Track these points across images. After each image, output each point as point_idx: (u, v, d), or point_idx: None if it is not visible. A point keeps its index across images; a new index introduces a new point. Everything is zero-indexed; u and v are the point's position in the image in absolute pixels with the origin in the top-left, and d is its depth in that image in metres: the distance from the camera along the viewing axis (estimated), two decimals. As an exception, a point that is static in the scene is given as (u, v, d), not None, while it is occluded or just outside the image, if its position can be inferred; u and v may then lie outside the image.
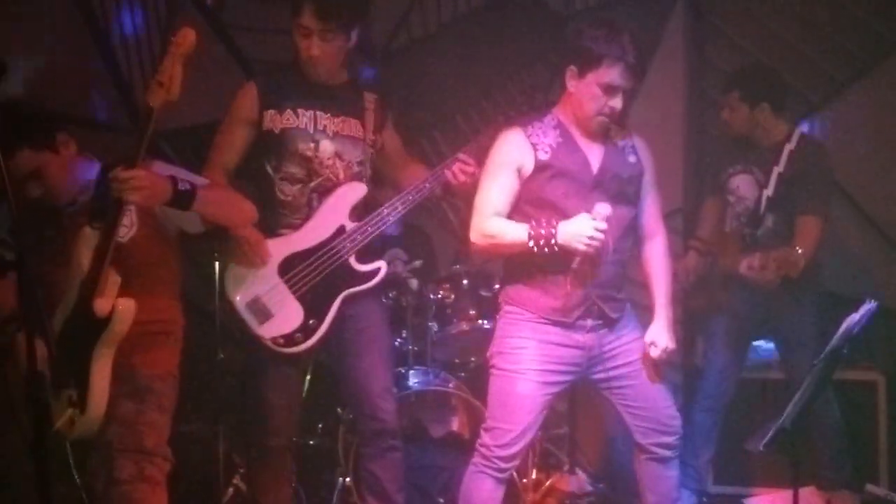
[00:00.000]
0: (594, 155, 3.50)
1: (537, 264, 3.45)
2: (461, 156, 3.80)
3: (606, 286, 3.50)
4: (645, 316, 3.68)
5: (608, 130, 3.54)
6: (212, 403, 4.19)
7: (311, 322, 3.65)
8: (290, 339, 3.64)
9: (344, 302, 3.70)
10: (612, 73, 3.36)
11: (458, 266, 4.71)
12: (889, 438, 4.65)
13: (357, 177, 3.75)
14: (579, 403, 4.84)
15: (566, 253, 3.33)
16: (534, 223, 3.35)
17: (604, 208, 3.31)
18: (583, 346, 3.52)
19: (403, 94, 5.32)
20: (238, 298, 3.64)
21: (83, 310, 3.15)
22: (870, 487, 4.57)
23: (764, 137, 4.46)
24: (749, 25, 5.27)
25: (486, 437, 3.57)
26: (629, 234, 3.58)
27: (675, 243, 4.98)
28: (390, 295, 4.51)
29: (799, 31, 5.22)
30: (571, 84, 3.46)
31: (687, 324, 4.89)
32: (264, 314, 3.64)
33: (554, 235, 3.31)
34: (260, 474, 3.87)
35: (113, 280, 3.16)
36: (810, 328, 4.34)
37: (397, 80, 5.43)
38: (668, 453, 3.63)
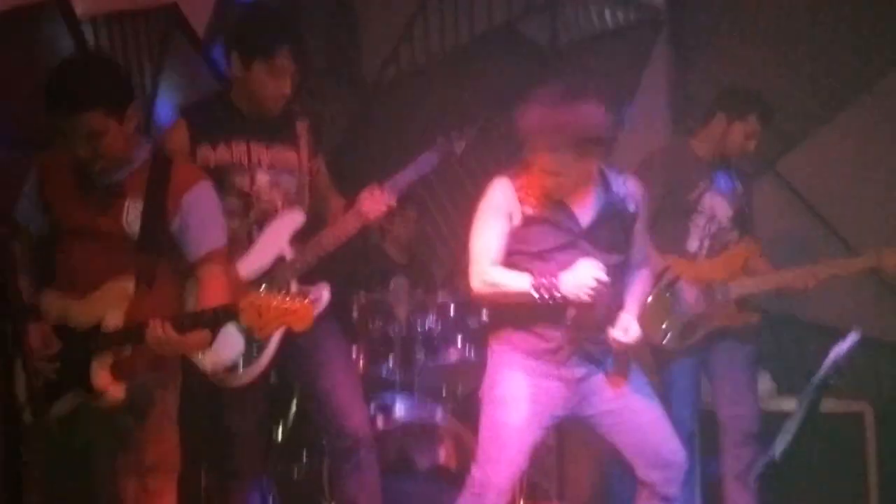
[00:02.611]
0: (585, 207, 3.31)
1: (527, 309, 3.26)
2: (374, 189, 3.64)
3: (594, 329, 3.31)
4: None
5: (604, 178, 3.35)
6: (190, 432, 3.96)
7: (253, 352, 3.48)
8: (231, 372, 3.46)
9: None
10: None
11: (445, 296, 4.52)
12: (878, 469, 4.44)
13: (295, 205, 3.59)
14: (567, 434, 4.66)
15: (566, 302, 3.17)
16: (536, 274, 3.19)
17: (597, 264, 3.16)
18: (570, 380, 3.32)
19: (393, 126, 5.20)
20: None
21: (81, 351, 2.95)
22: None
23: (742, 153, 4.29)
24: (730, 61, 5.18)
25: (475, 473, 3.35)
26: (618, 280, 3.36)
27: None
28: (378, 324, 4.37)
29: (778, 67, 5.12)
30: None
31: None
32: None
33: (557, 286, 3.15)
34: (228, 499, 3.72)
35: (121, 357, 2.99)
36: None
37: (387, 112, 5.30)
38: (670, 490, 3.36)
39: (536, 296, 3.16)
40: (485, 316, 4.28)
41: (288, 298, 2.87)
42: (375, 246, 4.91)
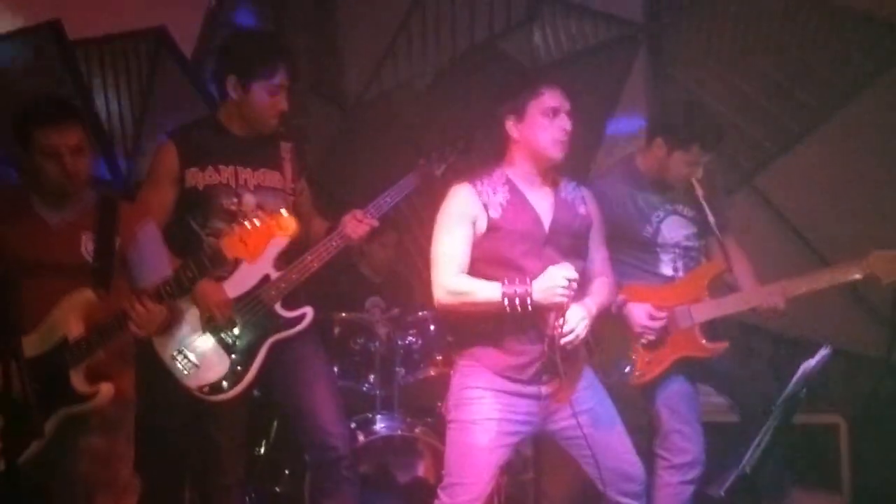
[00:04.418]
0: (545, 210, 3.30)
1: (494, 323, 3.20)
2: (356, 213, 3.70)
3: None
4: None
5: (556, 180, 3.35)
6: (176, 447, 4.00)
7: (238, 369, 3.53)
8: (215, 388, 3.52)
9: (275, 346, 3.58)
10: (549, 96, 3.25)
11: (424, 312, 4.52)
12: (852, 482, 4.42)
13: None
14: (545, 449, 4.56)
15: (537, 310, 3.10)
16: (506, 282, 3.11)
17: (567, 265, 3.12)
18: (538, 396, 3.27)
19: (375, 143, 5.19)
20: (164, 350, 3.51)
21: (56, 369, 3.00)
22: None
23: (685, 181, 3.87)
24: (708, 78, 5.18)
25: (443, 497, 3.28)
26: (580, 288, 3.27)
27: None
28: (359, 341, 4.38)
29: (756, 83, 5.13)
30: (515, 130, 3.28)
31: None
32: (190, 364, 3.51)
33: (529, 294, 3.08)
34: None
35: (98, 358, 3.06)
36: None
37: (369, 129, 5.30)
38: (630, 503, 3.33)
39: (507, 305, 3.09)
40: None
41: (260, 218, 2.95)
42: (351, 266, 4.91)
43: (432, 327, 4.42)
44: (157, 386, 3.60)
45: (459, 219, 3.24)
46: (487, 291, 3.14)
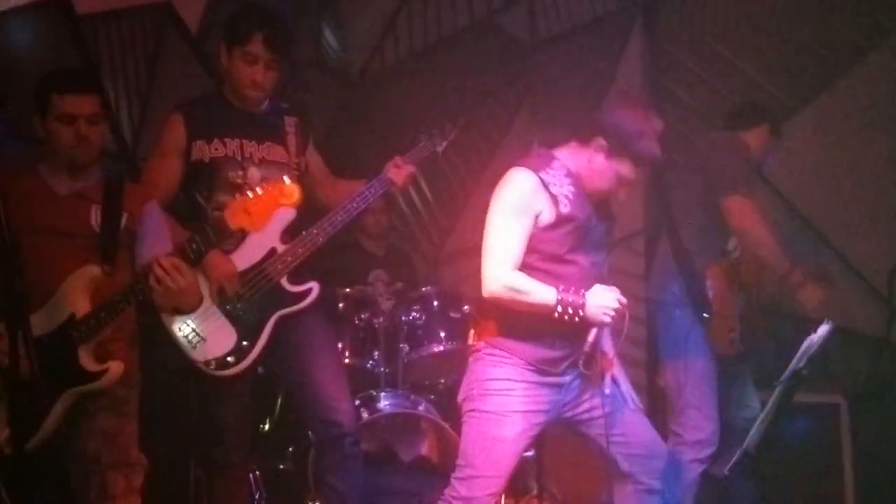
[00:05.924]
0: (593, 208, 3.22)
1: (547, 320, 3.05)
2: (397, 160, 3.76)
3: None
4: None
5: None
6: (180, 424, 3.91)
7: (244, 344, 3.48)
8: (221, 363, 3.46)
9: (281, 321, 3.53)
10: (628, 164, 3.11)
11: (428, 288, 4.45)
12: (853, 461, 4.37)
13: None
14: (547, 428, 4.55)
15: (584, 323, 3.02)
16: (562, 289, 3.00)
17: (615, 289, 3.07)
18: (558, 385, 3.17)
19: (376, 118, 5.17)
20: (170, 322, 3.45)
21: (64, 347, 2.96)
22: None
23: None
24: (702, 53, 5.14)
25: (461, 489, 3.13)
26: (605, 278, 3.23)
27: (637, 264, 4.78)
28: (363, 316, 4.29)
29: (749, 58, 5.08)
30: (597, 159, 3.11)
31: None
32: (198, 338, 3.45)
33: (582, 306, 2.98)
34: (217, 490, 3.70)
35: (106, 335, 3.03)
36: None
37: (371, 105, 5.28)
38: (654, 482, 3.24)
39: (560, 312, 2.99)
40: (467, 308, 4.21)
41: (263, 187, 2.94)
42: (353, 240, 4.84)
43: (436, 303, 4.31)
44: (161, 363, 3.55)
45: (522, 210, 3.06)
46: (543, 294, 3.02)
